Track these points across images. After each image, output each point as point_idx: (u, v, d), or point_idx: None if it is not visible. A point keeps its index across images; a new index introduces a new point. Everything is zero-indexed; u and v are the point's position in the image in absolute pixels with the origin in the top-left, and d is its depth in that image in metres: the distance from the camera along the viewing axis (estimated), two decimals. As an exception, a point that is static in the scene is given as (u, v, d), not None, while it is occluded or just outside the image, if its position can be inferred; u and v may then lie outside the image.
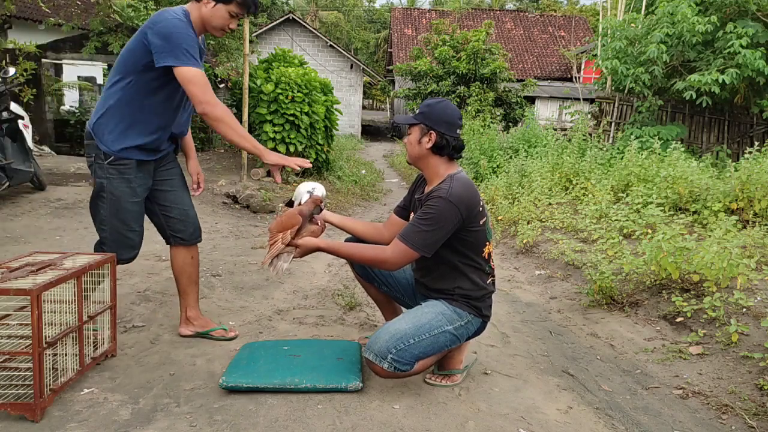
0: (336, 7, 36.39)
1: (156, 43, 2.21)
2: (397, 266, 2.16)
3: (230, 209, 6.42)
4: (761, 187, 4.54)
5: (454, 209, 2.10)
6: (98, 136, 2.36)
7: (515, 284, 4.22)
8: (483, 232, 2.22)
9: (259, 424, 1.97)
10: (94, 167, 2.41)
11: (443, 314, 2.22)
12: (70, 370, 2.11)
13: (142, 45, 2.26)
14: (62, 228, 4.69)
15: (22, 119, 5.51)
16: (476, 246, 2.22)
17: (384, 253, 2.15)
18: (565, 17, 27.98)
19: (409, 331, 2.15)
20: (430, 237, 2.10)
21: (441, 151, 2.21)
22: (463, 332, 2.27)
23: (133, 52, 2.31)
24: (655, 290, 3.43)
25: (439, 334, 2.18)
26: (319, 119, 7.59)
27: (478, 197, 2.20)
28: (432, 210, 2.10)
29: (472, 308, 2.25)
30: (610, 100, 10.80)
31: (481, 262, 2.25)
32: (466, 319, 2.25)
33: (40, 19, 13.25)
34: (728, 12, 9.10)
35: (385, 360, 2.12)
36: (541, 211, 5.54)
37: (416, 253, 2.11)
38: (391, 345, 2.12)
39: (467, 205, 2.13)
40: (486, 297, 2.30)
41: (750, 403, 2.31)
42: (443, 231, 2.11)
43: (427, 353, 2.19)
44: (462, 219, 2.13)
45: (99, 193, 2.43)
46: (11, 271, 2.03)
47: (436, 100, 2.29)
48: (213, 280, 3.63)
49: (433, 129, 2.20)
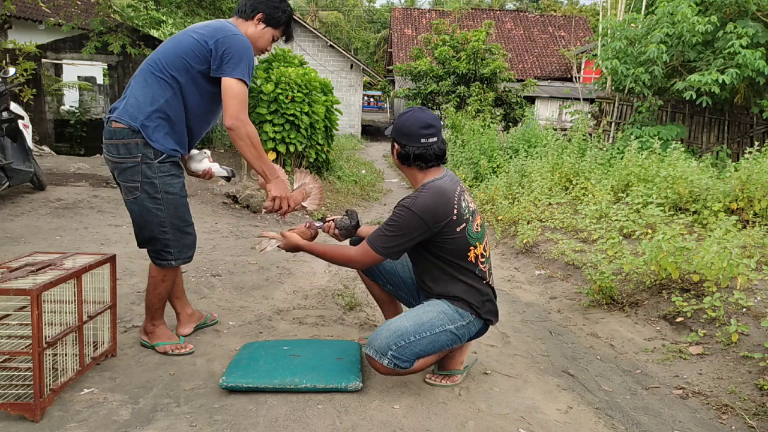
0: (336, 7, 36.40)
1: (219, 55, 2.23)
2: (362, 266, 2.32)
3: (230, 209, 6.42)
4: (761, 187, 4.54)
5: (416, 219, 2.11)
6: (149, 135, 2.25)
7: (515, 284, 4.22)
8: (462, 238, 2.19)
9: (259, 424, 1.97)
10: (138, 168, 2.26)
11: (445, 313, 2.22)
12: (70, 370, 2.11)
13: (202, 52, 2.26)
14: (62, 228, 4.70)
15: (22, 119, 5.51)
16: (457, 252, 2.20)
17: (350, 252, 2.27)
18: (565, 17, 27.98)
19: (410, 328, 2.16)
20: (392, 242, 2.15)
21: (407, 162, 2.24)
22: (465, 332, 2.26)
23: (188, 57, 2.27)
24: (655, 290, 3.43)
25: (440, 332, 2.19)
26: (319, 119, 7.59)
27: (448, 207, 2.15)
28: (396, 218, 2.15)
29: (473, 310, 2.25)
30: (610, 100, 10.80)
31: (468, 266, 2.23)
32: (468, 319, 2.25)
33: (40, 19, 13.27)
34: (728, 12, 9.10)
35: (385, 356, 2.13)
36: (541, 211, 5.54)
37: (378, 256, 2.18)
38: (391, 342, 2.13)
39: (433, 216, 2.12)
40: (485, 300, 2.29)
41: (750, 403, 2.31)
42: (406, 238, 2.14)
43: (427, 351, 2.20)
44: (429, 228, 2.13)
45: (152, 195, 2.29)
46: (11, 271, 2.03)
47: (405, 110, 2.32)
48: (213, 280, 3.63)
49: (396, 141, 2.26)
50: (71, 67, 14.84)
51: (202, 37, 2.27)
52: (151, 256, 2.42)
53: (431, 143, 2.20)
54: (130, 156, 2.26)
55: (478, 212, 2.32)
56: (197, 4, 8.85)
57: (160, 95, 2.28)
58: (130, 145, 2.26)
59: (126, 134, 2.25)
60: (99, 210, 5.45)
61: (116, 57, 11.63)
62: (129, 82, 2.39)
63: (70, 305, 2.11)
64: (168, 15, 9.50)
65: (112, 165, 2.33)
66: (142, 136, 2.25)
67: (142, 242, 2.42)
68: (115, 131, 2.26)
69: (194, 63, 2.27)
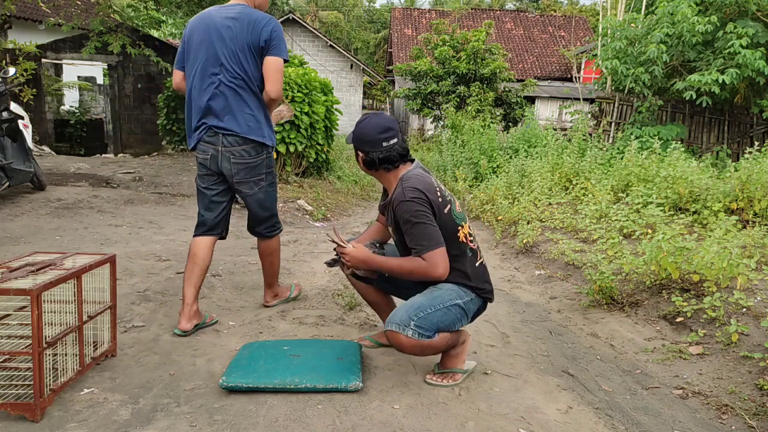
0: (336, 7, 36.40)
1: (274, 40, 2.63)
2: (444, 267, 2.20)
3: (230, 209, 6.42)
4: (761, 187, 4.54)
5: (418, 201, 2.18)
6: (262, 135, 2.70)
7: (515, 284, 4.22)
8: (450, 219, 2.27)
9: (259, 424, 1.97)
10: (264, 163, 2.75)
11: (452, 290, 2.29)
12: (70, 370, 2.11)
13: (258, 44, 2.62)
14: (62, 228, 4.70)
15: (22, 119, 5.51)
16: (448, 234, 2.25)
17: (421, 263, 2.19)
18: (565, 17, 27.97)
19: (425, 302, 2.23)
20: (428, 231, 2.17)
21: (374, 167, 2.31)
22: (470, 307, 2.34)
23: (252, 53, 2.63)
24: (655, 290, 3.42)
25: (451, 305, 2.25)
26: (319, 119, 7.59)
27: (433, 189, 2.25)
28: (407, 215, 2.19)
29: (471, 289, 2.33)
30: (610, 100, 10.80)
31: (461, 246, 2.30)
32: (470, 296, 2.33)
33: (40, 19, 13.27)
34: (728, 12, 9.11)
35: (408, 327, 2.17)
36: (541, 211, 5.54)
37: (440, 248, 2.17)
38: (411, 313, 2.19)
39: (426, 192, 2.20)
40: (479, 278, 2.35)
41: (750, 403, 2.31)
42: (429, 219, 2.18)
43: (443, 323, 2.25)
44: (431, 204, 2.20)
45: (273, 181, 2.85)
46: (11, 271, 2.03)
47: (362, 118, 2.39)
48: (213, 280, 3.63)
49: (359, 149, 2.33)
50: (71, 67, 14.84)
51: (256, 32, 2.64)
52: (265, 233, 2.91)
53: (392, 145, 2.28)
54: (252, 156, 2.71)
55: (454, 198, 2.40)
56: (197, 4, 8.85)
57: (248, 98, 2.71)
58: (250, 148, 2.70)
59: (241, 141, 2.70)
60: (99, 210, 5.45)
61: (116, 57, 11.64)
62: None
63: (70, 305, 2.11)
64: (168, 15, 9.50)
65: (241, 166, 2.71)
66: (258, 138, 2.72)
67: (261, 222, 2.89)
68: (236, 139, 2.70)
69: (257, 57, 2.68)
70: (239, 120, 2.65)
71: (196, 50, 2.67)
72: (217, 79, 2.63)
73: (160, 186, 6.95)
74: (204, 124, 2.69)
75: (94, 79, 16.14)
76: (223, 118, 2.65)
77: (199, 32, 2.67)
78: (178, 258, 4.05)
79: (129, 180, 7.09)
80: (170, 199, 6.32)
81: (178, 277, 3.60)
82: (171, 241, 4.63)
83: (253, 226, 2.93)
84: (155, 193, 6.55)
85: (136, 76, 12.37)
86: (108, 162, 9.00)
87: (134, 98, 12.48)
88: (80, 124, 13.82)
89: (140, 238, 4.64)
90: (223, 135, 2.67)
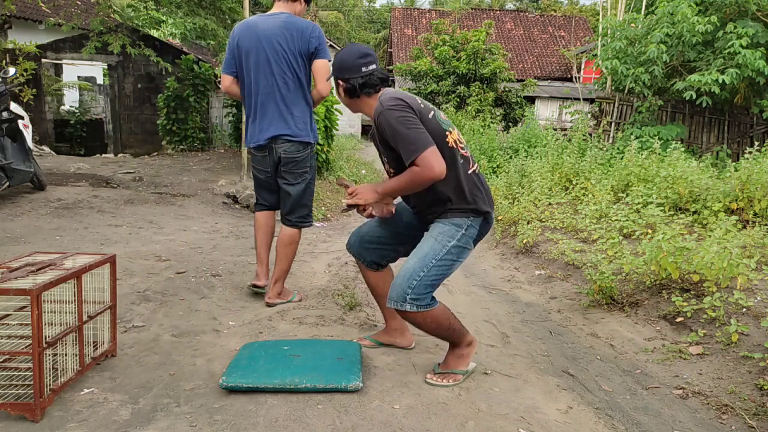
0: (336, 7, 36.37)
1: (321, 45, 2.97)
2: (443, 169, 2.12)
3: (230, 209, 6.42)
4: (761, 187, 4.54)
5: (398, 108, 2.15)
6: (307, 135, 3.04)
7: (515, 284, 4.22)
8: (436, 124, 2.23)
9: (259, 424, 1.97)
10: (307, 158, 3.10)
11: (441, 233, 2.26)
12: (70, 370, 2.11)
13: (308, 50, 2.96)
14: (62, 228, 4.70)
15: (22, 119, 5.51)
16: (436, 138, 2.19)
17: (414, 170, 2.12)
18: (565, 17, 27.97)
19: (415, 266, 2.22)
20: (412, 133, 2.11)
21: (355, 94, 2.31)
22: (467, 239, 2.29)
23: (302, 58, 2.97)
24: (655, 290, 3.42)
25: (444, 254, 2.23)
26: (318, 119, 7.58)
27: (411, 96, 2.25)
28: (390, 124, 2.14)
29: (467, 212, 2.28)
30: (610, 100, 10.80)
31: (451, 152, 2.24)
32: (466, 224, 2.28)
33: (40, 19, 13.27)
34: (728, 12, 9.11)
35: (405, 303, 2.21)
36: (541, 211, 5.54)
37: (429, 148, 2.09)
38: (405, 285, 2.20)
39: (401, 98, 2.19)
40: (474, 186, 2.29)
41: (750, 403, 2.31)
42: (412, 123, 2.14)
43: (439, 278, 2.25)
44: (412, 108, 2.17)
45: (312, 174, 3.16)
46: (11, 271, 2.03)
47: (341, 49, 2.41)
48: (213, 280, 3.63)
49: (339, 79, 2.33)
50: (71, 67, 14.84)
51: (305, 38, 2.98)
52: (297, 223, 3.16)
53: (372, 71, 2.29)
54: (298, 153, 3.05)
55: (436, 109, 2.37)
56: (197, 4, 8.84)
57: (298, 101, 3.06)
58: (300, 148, 3.05)
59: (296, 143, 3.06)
60: (99, 210, 5.45)
61: (116, 57, 11.64)
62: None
63: (70, 305, 2.11)
64: (168, 15, 9.49)
65: (288, 159, 3.04)
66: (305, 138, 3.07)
67: (297, 212, 3.14)
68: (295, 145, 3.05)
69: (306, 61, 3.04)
70: (289, 123, 3.00)
71: (246, 57, 2.98)
72: (270, 85, 2.95)
73: (160, 186, 6.95)
74: (260, 126, 3.03)
75: (94, 79, 16.15)
76: (275, 122, 3.00)
77: (248, 40, 2.96)
78: (178, 258, 4.06)
79: (129, 180, 7.09)
80: (170, 199, 6.32)
81: (178, 277, 3.60)
82: (171, 241, 4.63)
83: (286, 215, 3.17)
84: (155, 193, 6.55)
85: (136, 76, 12.37)
86: (108, 162, 9.00)
87: (134, 98, 12.49)
88: (80, 124, 13.82)
89: (140, 238, 4.65)
90: (275, 136, 3.02)
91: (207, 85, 11.17)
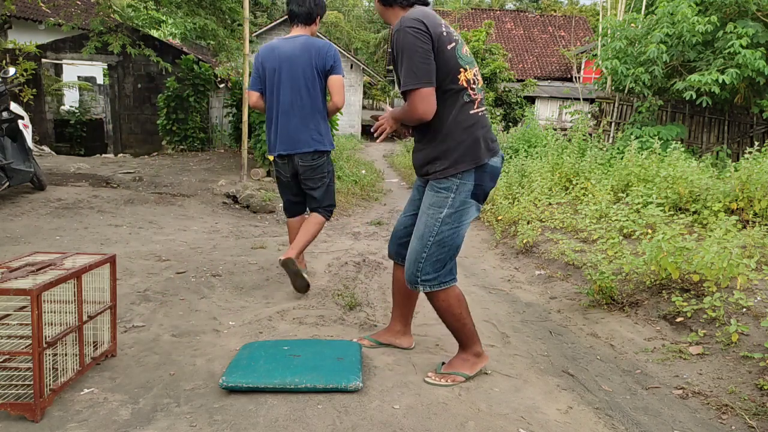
0: (336, 7, 36.37)
1: (336, 63, 3.30)
2: (428, 111, 2.12)
3: (230, 209, 6.42)
4: (761, 187, 4.54)
5: (414, 32, 2.09)
6: (323, 145, 3.38)
7: (515, 284, 4.22)
8: (453, 58, 2.18)
9: (259, 424, 1.97)
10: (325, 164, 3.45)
11: (431, 206, 2.25)
12: (70, 370, 2.11)
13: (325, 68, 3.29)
14: (62, 228, 4.70)
15: (22, 119, 5.51)
16: (448, 73, 2.17)
17: (409, 112, 2.16)
18: (565, 17, 27.97)
19: (417, 246, 2.27)
20: (415, 64, 2.08)
21: (391, 3, 2.29)
22: (462, 200, 2.23)
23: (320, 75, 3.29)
24: (655, 290, 3.42)
25: (438, 228, 2.23)
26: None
27: (436, 21, 2.18)
28: (400, 46, 2.11)
29: (452, 168, 2.21)
30: (610, 100, 10.80)
31: (456, 90, 2.20)
32: (455, 185, 2.22)
33: (40, 19, 13.27)
34: (728, 12, 9.10)
35: (417, 284, 2.28)
36: (541, 211, 5.54)
37: (423, 88, 2.08)
38: (413, 269, 2.27)
39: (424, 21, 2.12)
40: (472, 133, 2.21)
41: (750, 403, 2.31)
42: (420, 53, 2.09)
43: (446, 252, 2.25)
44: (429, 34, 2.11)
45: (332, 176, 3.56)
46: (11, 271, 2.03)
47: None
48: (213, 280, 3.63)
49: None
50: (71, 67, 14.85)
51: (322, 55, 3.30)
52: (323, 212, 3.53)
53: None
54: (315, 159, 3.40)
55: (464, 43, 2.32)
56: (197, 4, 8.84)
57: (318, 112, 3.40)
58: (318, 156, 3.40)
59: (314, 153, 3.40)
60: (99, 210, 5.45)
61: (116, 57, 11.64)
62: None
63: (70, 305, 2.11)
64: (168, 15, 9.49)
65: (307, 167, 3.39)
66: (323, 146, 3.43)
67: (322, 202, 3.52)
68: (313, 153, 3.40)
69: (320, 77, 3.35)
70: (306, 136, 3.33)
71: (270, 77, 3.31)
72: (290, 100, 3.28)
73: (160, 186, 6.95)
74: (280, 137, 3.35)
75: (94, 79, 16.15)
76: (295, 133, 3.33)
77: (271, 61, 3.30)
78: (178, 258, 4.06)
79: (129, 180, 7.09)
80: (170, 199, 6.32)
81: (178, 277, 3.60)
82: (171, 241, 4.63)
83: (314, 208, 3.58)
84: (155, 193, 6.55)
85: (136, 76, 12.37)
86: (108, 162, 9.00)
87: (134, 98, 12.49)
88: (80, 124, 13.82)
89: (140, 238, 4.65)
90: (294, 147, 3.35)
91: (207, 85, 11.17)
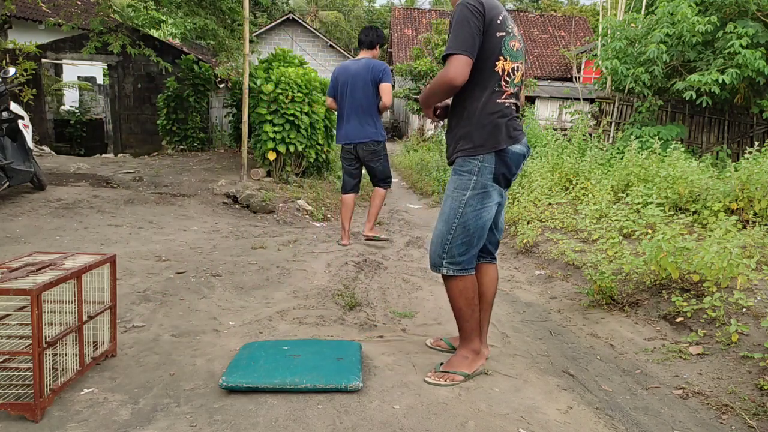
0: (336, 7, 36.37)
1: (385, 75, 4.57)
2: (458, 77, 2.14)
3: (230, 209, 6.42)
4: (761, 187, 4.54)
5: (470, 10, 2.14)
6: (379, 135, 4.72)
7: (515, 284, 4.22)
8: (497, 45, 2.21)
9: (259, 424, 1.97)
10: (380, 151, 4.79)
11: (455, 188, 2.29)
12: (70, 370, 2.11)
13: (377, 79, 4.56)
14: (62, 228, 4.70)
15: (22, 119, 5.51)
16: (489, 56, 2.20)
17: (441, 75, 2.18)
18: (565, 17, 27.97)
19: (443, 229, 2.31)
20: (462, 36, 2.12)
21: None
22: (484, 182, 2.26)
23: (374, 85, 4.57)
24: (655, 290, 3.42)
25: (463, 211, 2.26)
26: (319, 119, 7.58)
27: (498, 9, 2.22)
28: (455, 18, 2.17)
29: (478, 146, 2.24)
30: (610, 100, 10.80)
31: (489, 75, 2.23)
32: (477, 167, 2.25)
33: (40, 19, 13.27)
34: (728, 12, 9.11)
35: (442, 267, 2.31)
36: (541, 211, 5.54)
37: (461, 55, 2.12)
38: (438, 251, 2.30)
39: (483, 2, 2.16)
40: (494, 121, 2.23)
41: (750, 403, 2.31)
42: (470, 27, 2.13)
43: (470, 235, 2.27)
44: (484, 14, 2.16)
45: (387, 157, 4.89)
46: (11, 271, 2.03)
47: None
48: (213, 280, 3.63)
49: None
50: (71, 67, 14.85)
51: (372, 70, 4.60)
52: (383, 185, 4.92)
53: None
54: (377, 146, 4.76)
55: (518, 40, 2.31)
56: (197, 4, 8.84)
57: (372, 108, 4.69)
58: (373, 142, 4.72)
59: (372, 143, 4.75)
60: (99, 210, 5.45)
61: (116, 57, 11.65)
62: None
63: (70, 305, 2.11)
64: (168, 15, 9.49)
65: (368, 152, 4.73)
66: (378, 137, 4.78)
67: (382, 179, 4.90)
68: (369, 143, 4.74)
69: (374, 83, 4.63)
70: (366, 129, 4.66)
71: (342, 87, 4.68)
72: (355, 104, 4.60)
73: (160, 186, 6.95)
74: (346, 130, 4.70)
75: (94, 79, 16.16)
76: (358, 127, 4.65)
77: (343, 76, 4.67)
78: (178, 258, 4.06)
79: (129, 180, 7.09)
80: (170, 199, 6.32)
81: (178, 277, 3.60)
82: (171, 241, 4.63)
83: (377, 182, 4.92)
84: (155, 193, 6.55)
85: (136, 76, 12.37)
86: (108, 162, 9.00)
87: (134, 98, 12.49)
88: (80, 124, 13.83)
89: (140, 238, 4.65)
90: (357, 138, 4.68)
91: (207, 85, 11.17)
